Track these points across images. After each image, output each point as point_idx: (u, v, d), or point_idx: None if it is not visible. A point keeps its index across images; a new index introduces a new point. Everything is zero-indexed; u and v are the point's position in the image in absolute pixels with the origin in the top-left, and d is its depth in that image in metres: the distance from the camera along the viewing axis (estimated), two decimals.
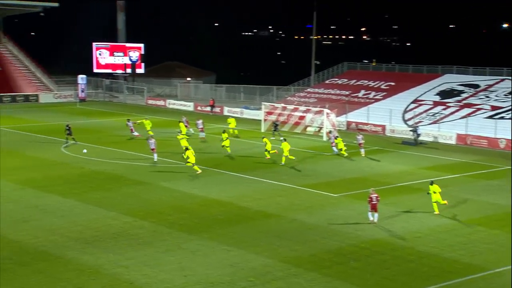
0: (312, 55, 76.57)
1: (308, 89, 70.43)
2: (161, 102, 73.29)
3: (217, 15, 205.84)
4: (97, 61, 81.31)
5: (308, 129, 53.97)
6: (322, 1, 78.96)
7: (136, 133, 47.72)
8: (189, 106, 70.23)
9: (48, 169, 36.17)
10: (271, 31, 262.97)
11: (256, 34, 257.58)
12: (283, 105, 58.23)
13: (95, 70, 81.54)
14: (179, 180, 34.40)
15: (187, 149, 36.21)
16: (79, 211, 27.98)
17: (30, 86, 76.41)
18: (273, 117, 56.11)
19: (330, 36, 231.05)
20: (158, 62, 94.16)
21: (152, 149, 38.71)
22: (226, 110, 66.05)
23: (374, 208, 26.95)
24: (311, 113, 54.81)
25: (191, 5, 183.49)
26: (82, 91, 75.51)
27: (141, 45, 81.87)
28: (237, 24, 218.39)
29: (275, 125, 51.10)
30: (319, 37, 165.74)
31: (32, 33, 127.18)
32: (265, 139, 41.90)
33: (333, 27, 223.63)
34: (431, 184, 28.84)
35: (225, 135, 42.13)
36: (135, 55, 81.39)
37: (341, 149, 42.12)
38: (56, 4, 77.32)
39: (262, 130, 53.71)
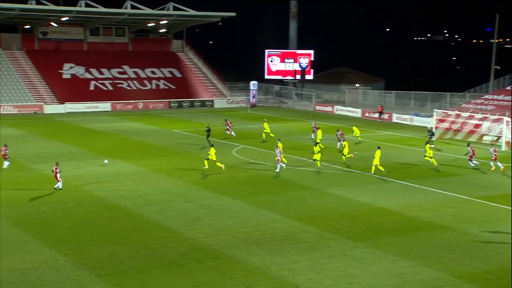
0: (492, 60, 72.34)
1: (486, 96, 66.51)
2: (328, 108, 73.65)
3: (389, 20, 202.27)
4: (269, 68, 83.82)
5: (484, 138, 51.07)
6: (506, 2, 74.36)
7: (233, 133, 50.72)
8: (356, 112, 69.77)
9: (220, 171, 37.91)
10: (446, 35, 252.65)
11: (429, 39, 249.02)
12: (457, 112, 55.68)
13: (266, 77, 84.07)
14: (345, 187, 34.26)
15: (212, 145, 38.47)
16: (248, 213, 28.96)
17: (207, 92, 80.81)
18: (445, 125, 53.93)
19: None
20: (327, 68, 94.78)
21: (278, 160, 37.62)
22: (395, 117, 64.65)
23: None
24: (488, 121, 51.86)
25: (363, 12, 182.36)
26: (253, 97, 78.27)
27: (311, 52, 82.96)
28: (410, 29, 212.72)
29: (431, 133, 49.43)
30: (501, 40, 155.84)
31: (210, 42, 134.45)
32: (345, 142, 41.64)
33: None
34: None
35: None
36: (305, 61, 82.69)
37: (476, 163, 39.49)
38: (233, 14, 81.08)
39: (433, 138, 51.76)
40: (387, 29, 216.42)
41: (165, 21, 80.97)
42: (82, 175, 36.05)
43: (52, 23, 77.32)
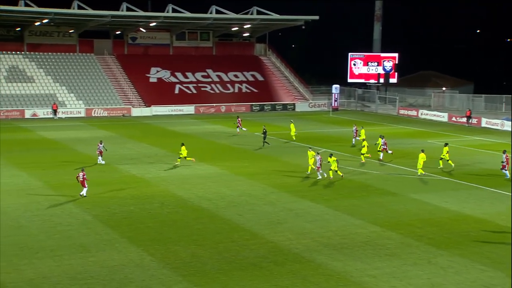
0: None
1: None
2: (413, 112, 72.05)
3: (479, 20, 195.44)
4: (351, 71, 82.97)
5: None
6: None
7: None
8: (443, 116, 67.90)
9: (300, 175, 37.88)
10: None
11: None
12: None
13: (349, 80, 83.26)
14: (429, 193, 33.40)
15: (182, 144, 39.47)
16: (329, 217, 28.78)
17: (289, 96, 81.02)
18: None
19: None
20: (412, 72, 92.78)
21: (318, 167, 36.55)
22: (484, 122, 62.44)
23: None
24: None
25: (449, 14, 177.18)
26: (335, 101, 77.74)
27: (396, 55, 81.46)
28: (502, 30, 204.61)
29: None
30: None
31: (293, 45, 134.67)
32: (364, 142, 41.67)
33: None
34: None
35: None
36: (389, 64, 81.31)
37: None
38: (316, 17, 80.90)
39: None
40: (478, 30, 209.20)
41: (249, 25, 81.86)
42: (167, 176, 37.01)
43: (141, 29, 79.99)
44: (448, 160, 39.35)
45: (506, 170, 37.10)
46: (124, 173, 37.97)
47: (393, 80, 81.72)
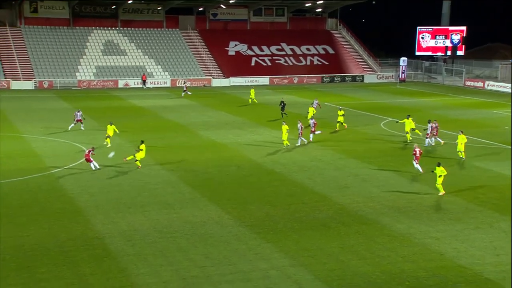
0: None
1: None
2: (479, 84, 69.19)
3: None
4: (419, 44, 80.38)
5: None
6: None
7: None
8: (509, 88, 64.82)
9: (369, 143, 37.32)
10: None
11: None
12: None
13: (417, 53, 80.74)
14: (492, 161, 32.17)
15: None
16: (394, 182, 28.29)
17: (358, 68, 79.53)
18: None
19: None
20: (480, 44, 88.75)
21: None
22: None
23: None
24: None
25: None
26: (403, 73, 75.68)
27: (464, 28, 78.10)
28: None
29: None
30: None
31: (363, 20, 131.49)
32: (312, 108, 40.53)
33: None
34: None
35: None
36: (457, 37, 78.12)
37: None
38: None
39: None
40: None
41: (322, 1, 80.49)
42: (243, 142, 37.34)
43: (221, 5, 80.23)
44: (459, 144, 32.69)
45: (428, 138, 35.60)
46: (204, 139, 38.60)
47: (461, 53, 78.57)
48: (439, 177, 25.80)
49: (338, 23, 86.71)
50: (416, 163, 29.51)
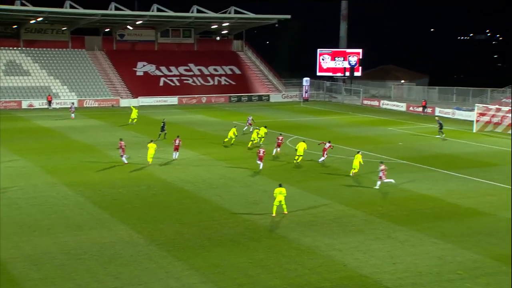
0: None
1: None
2: (375, 103, 72.57)
3: (433, 21, 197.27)
4: (320, 65, 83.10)
5: None
6: None
7: None
8: (401, 106, 68.49)
9: (275, 160, 37.93)
10: (488, 34, 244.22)
11: (472, 38, 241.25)
12: (497, 106, 53.88)
13: (318, 74, 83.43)
14: (389, 175, 33.68)
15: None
16: (300, 197, 28.90)
17: (263, 88, 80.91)
18: (486, 118, 52.28)
19: None
20: (375, 66, 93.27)
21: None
22: (438, 111, 63.15)
23: None
24: None
25: (409, 13, 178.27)
26: (306, 92, 77.90)
27: (360, 50, 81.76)
28: (453, 29, 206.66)
29: (440, 124, 47.82)
30: None
31: (267, 42, 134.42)
32: (256, 130, 41.43)
33: None
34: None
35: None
36: (354, 59, 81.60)
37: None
38: (288, 16, 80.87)
39: (474, 131, 50.42)
40: (432, 29, 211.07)
41: (227, 23, 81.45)
42: (153, 162, 36.76)
43: (128, 26, 79.04)
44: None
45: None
46: (113, 159, 37.64)
47: (358, 74, 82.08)
48: (279, 194, 25.20)
49: (244, 45, 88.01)
50: (383, 179, 30.20)
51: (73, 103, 62.45)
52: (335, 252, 21.44)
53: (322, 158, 36.52)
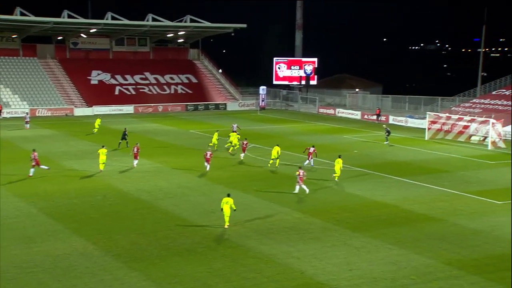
0: (479, 67, 72.05)
1: (474, 100, 66.22)
2: (331, 111, 73.53)
3: (386, 31, 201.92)
4: (276, 74, 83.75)
5: (472, 138, 50.87)
6: (491, 16, 74.14)
7: None
8: (356, 114, 69.61)
9: (233, 168, 37.94)
10: (437, 44, 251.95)
11: (423, 48, 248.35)
12: (447, 114, 55.42)
13: (274, 82, 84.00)
14: (345, 182, 34.21)
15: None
16: (257, 206, 28.96)
17: (220, 96, 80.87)
18: (437, 126, 53.67)
19: (499, 49, 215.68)
20: (330, 74, 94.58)
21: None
22: (391, 119, 64.45)
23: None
24: (476, 123, 51.55)
25: (363, 24, 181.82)
26: (263, 101, 78.26)
27: (315, 60, 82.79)
28: (405, 39, 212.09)
29: (387, 132, 49.09)
30: (487, 49, 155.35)
31: (223, 51, 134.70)
32: (234, 134, 42.96)
33: (502, 39, 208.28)
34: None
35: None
36: (309, 68, 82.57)
37: None
38: (244, 25, 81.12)
39: (426, 138, 51.67)
40: (384, 39, 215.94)
41: (183, 32, 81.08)
42: (108, 171, 36.19)
43: (82, 35, 77.71)
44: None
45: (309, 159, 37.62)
46: (67, 168, 36.86)
47: (313, 82, 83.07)
48: (225, 203, 24.93)
49: (200, 53, 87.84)
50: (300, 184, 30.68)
51: (27, 113, 60.82)
52: (292, 260, 21.53)
53: (307, 162, 37.39)
